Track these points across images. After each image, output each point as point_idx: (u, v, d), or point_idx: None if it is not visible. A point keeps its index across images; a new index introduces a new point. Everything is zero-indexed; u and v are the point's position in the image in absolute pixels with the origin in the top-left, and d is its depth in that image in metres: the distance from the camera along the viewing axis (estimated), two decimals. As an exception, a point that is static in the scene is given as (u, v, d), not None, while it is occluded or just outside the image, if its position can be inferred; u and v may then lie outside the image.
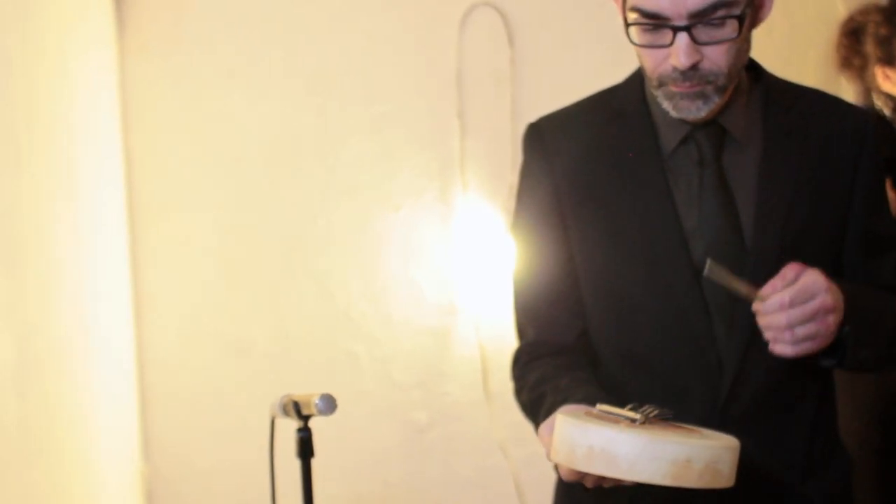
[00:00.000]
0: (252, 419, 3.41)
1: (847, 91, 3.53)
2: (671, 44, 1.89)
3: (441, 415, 3.79)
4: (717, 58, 1.91)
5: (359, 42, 3.75)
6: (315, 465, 2.19)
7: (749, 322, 1.92)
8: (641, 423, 1.77)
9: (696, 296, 1.98)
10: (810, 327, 1.86)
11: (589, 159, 2.06)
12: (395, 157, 3.76)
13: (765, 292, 1.87)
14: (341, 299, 3.76)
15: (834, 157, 2.02)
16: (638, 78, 2.07)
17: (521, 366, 2.12)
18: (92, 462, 3.24)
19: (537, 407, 1.99)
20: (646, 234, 2.00)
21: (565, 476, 1.83)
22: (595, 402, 1.86)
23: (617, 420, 1.79)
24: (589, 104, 2.12)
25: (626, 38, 1.99)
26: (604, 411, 1.83)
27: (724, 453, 1.74)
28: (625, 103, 2.07)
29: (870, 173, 2.04)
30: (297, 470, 2.20)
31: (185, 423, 3.76)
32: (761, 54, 2.11)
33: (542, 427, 1.89)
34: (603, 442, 1.72)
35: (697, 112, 1.94)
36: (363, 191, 3.77)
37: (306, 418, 2.15)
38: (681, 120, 2.00)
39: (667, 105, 1.96)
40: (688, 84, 1.92)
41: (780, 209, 1.99)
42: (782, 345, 1.87)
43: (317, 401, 2.10)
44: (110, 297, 3.52)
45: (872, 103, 3.25)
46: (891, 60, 3.18)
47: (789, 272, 1.86)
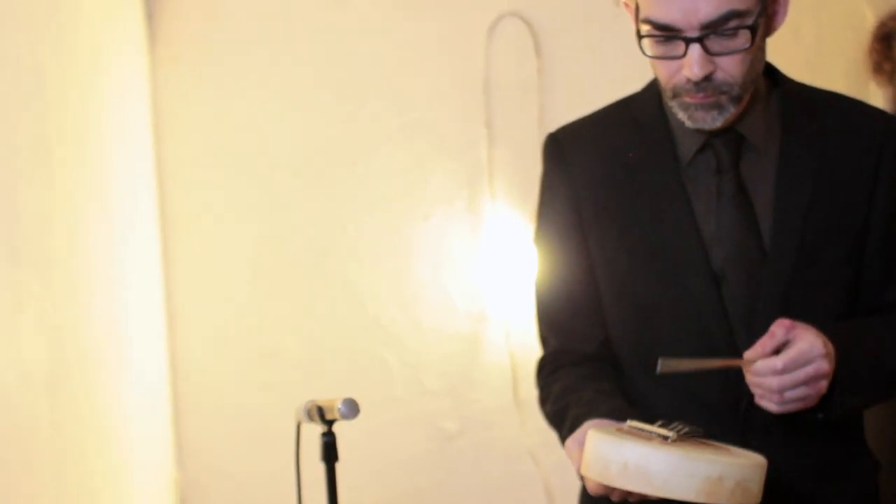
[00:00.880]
0: (283, 426, 3.41)
1: (875, 96, 3.53)
2: (684, 55, 1.90)
3: (471, 421, 3.80)
4: (730, 68, 1.91)
5: (388, 52, 3.77)
6: (345, 471, 2.21)
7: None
8: (673, 441, 1.79)
9: (715, 303, 1.98)
10: (801, 391, 1.86)
11: (607, 168, 2.06)
12: (424, 166, 3.78)
13: (751, 355, 1.87)
14: (371, 307, 3.78)
15: (854, 161, 2.01)
16: (655, 87, 2.07)
17: (545, 375, 2.13)
18: (125, 469, 3.27)
19: (561, 418, 2.01)
20: (665, 242, 2.01)
21: (593, 490, 1.84)
22: (620, 416, 1.88)
23: (649, 437, 1.80)
24: (607, 114, 2.13)
25: (652, 47, 2.00)
26: (634, 427, 1.84)
27: (754, 472, 1.76)
28: (642, 112, 2.07)
29: (891, 178, 2.02)
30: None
31: (218, 431, 3.78)
32: (788, 60, 2.12)
33: (570, 441, 1.90)
34: (637, 458, 1.74)
35: (713, 122, 1.94)
36: (393, 199, 3.78)
37: (330, 423, 2.17)
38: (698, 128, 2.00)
39: (682, 116, 1.96)
40: (702, 95, 1.92)
41: (798, 215, 1.98)
42: (768, 402, 1.88)
43: (339, 405, 2.11)
44: (142, 305, 3.55)
45: None
46: None
47: (778, 330, 1.86)
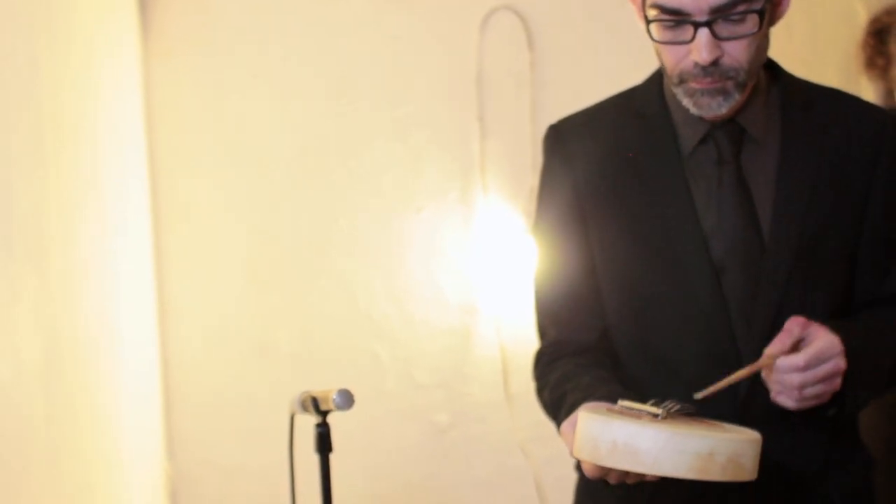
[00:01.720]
0: (275, 419, 3.42)
1: (867, 92, 3.53)
2: (692, 40, 1.91)
3: (462, 415, 3.80)
4: (737, 53, 1.92)
5: (380, 45, 3.77)
6: (337, 464, 2.21)
7: (769, 319, 1.94)
8: (664, 418, 1.78)
9: (715, 293, 1.99)
10: (819, 388, 1.88)
11: (609, 160, 2.07)
12: (417, 160, 3.78)
13: (772, 351, 1.88)
14: (363, 300, 3.78)
15: (852, 156, 2.03)
16: (657, 79, 2.09)
17: (543, 365, 2.13)
18: (117, 461, 3.27)
19: (559, 405, 2.01)
20: (665, 233, 2.01)
21: (589, 472, 1.84)
22: (616, 400, 1.87)
23: (639, 415, 1.80)
24: (608, 105, 2.14)
25: (644, 41, 2.00)
26: (626, 407, 1.84)
27: (746, 447, 1.75)
28: (644, 104, 2.08)
29: (888, 173, 2.04)
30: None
31: (209, 423, 3.79)
32: (781, 56, 2.13)
33: (565, 425, 1.91)
34: (626, 437, 1.73)
35: (718, 108, 1.95)
36: (385, 193, 3.79)
37: (324, 414, 2.17)
38: (700, 119, 2.01)
39: (687, 102, 1.97)
40: (709, 80, 1.93)
41: (797, 208, 1.99)
42: (786, 399, 1.89)
43: (334, 396, 2.11)
44: (135, 298, 3.55)
45: (894, 103, 3.26)
46: None
47: (795, 328, 1.88)
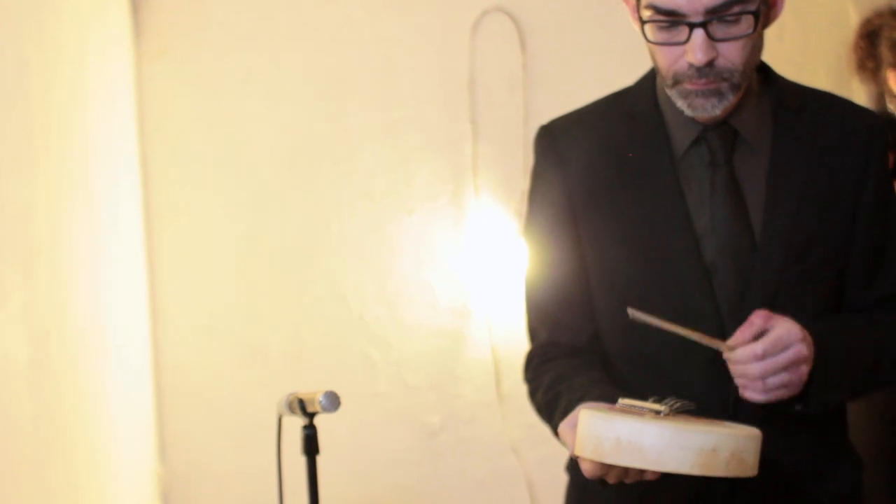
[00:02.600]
0: (267, 421, 3.41)
1: (859, 94, 3.54)
2: (687, 41, 1.91)
3: (454, 417, 3.80)
4: (732, 55, 1.92)
5: (373, 48, 3.77)
6: (328, 466, 2.21)
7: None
8: (666, 415, 1.79)
9: (707, 296, 1.99)
10: (783, 377, 1.87)
11: (601, 161, 2.07)
12: (409, 162, 3.78)
13: (733, 342, 1.88)
14: (355, 303, 3.78)
15: (843, 159, 2.03)
16: (649, 80, 2.09)
17: (535, 367, 2.13)
18: (107, 463, 3.26)
19: (553, 406, 2.00)
20: (657, 235, 2.01)
21: (589, 471, 1.83)
22: (612, 400, 1.87)
23: (642, 412, 1.80)
24: (600, 106, 2.13)
25: (637, 42, 2.00)
26: (626, 405, 1.84)
27: (748, 442, 1.76)
28: (636, 105, 2.08)
29: (879, 177, 2.04)
30: (307, 469, 2.22)
31: (201, 425, 3.78)
32: (773, 58, 2.13)
33: (563, 425, 1.90)
34: (630, 433, 1.73)
35: (712, 109, 1.95)
36: (377, 195, 3.78)
37: (311, 415, 2.17)
38: (692, 121, 2.01)
39: (681, 104, 1.97)
40: (703, 81, 1.93)
41: (789, 211, 2.00)
42: (753, 392, 1.88)
43: (321, 398, 2.11)
44: (126, 300, 3.54)
45: (885, 106, 3.26)
46: None
47: (757, 319, 1.87)
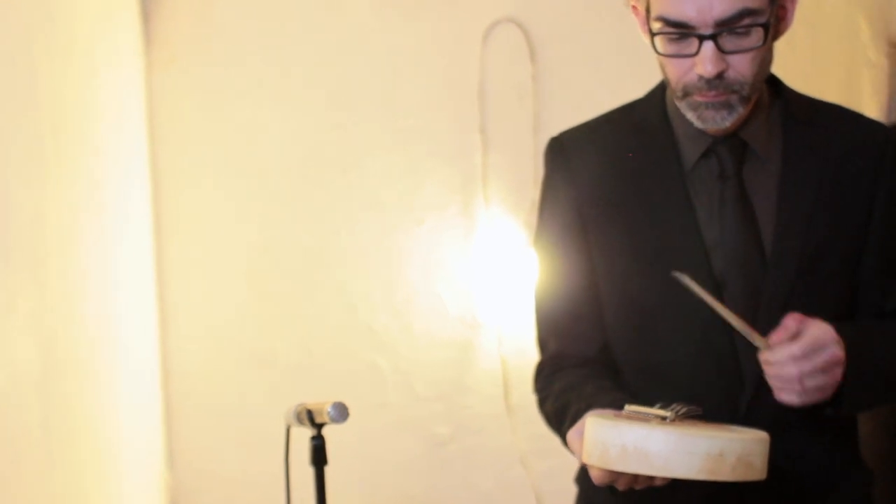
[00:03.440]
0: (275, 430, 3.40)
1: (869, 106, 3.53)
2: (697, 53, 1.90)
3: (462, 428, 3.80)
4: (742, 67, 1.92)
5: (382, 57, 3.77)
6: (336, 476, 2.21)
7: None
8: (672, 421, 1.79)
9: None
10: (820, 379, 1.87)
11: (611, 173, 2.07)
12: (418, 172, 3.78)
13: (772, 342, 1.88)
14: (364, 312, 3.78)
15: (853, 172, 2.03)
16: (659, 92, 2.09)
17: (544, 378, 2.13)
18: (115, 470, 3.26)
19: (563, 415, 2.00)
20: (667, 247, 2.01)
21: (598, 478, 1.83)
22: (621, 407, 1.87)
23: (647, 419, 1.80)
24: (610, 119, 2.13)
25: (646, 54, 2.00)
26: (633, 411, 1.84)
27: (755, 446, 1.76)
28: (646, 117, 2.08)
29: (889, 190, 2.04)
30: (316, 479, 2.22)
31: (209, 433, 3.78)
32: (783, 70, 2.13)
33: (571, 433, 1.90)
34: (636, 440, 1.74)
35: (722, 122, 1.95)
36: (386, 205, 3.78)
37: (319, 426, 2.17)
38: (702, 133, 2.01)
39: (691, 116, 1.97)
40: (713, 93, 1.93)
41: (799, 223, 1.99)
42: (789, 394, 1.88)
43: (329, 409, 2.11)
44: (135, 308, 3.55)
45: None
46: None
47: (791, 323, 1.87)
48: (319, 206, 3.78)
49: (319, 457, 2.18)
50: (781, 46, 2.04)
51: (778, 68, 2.06)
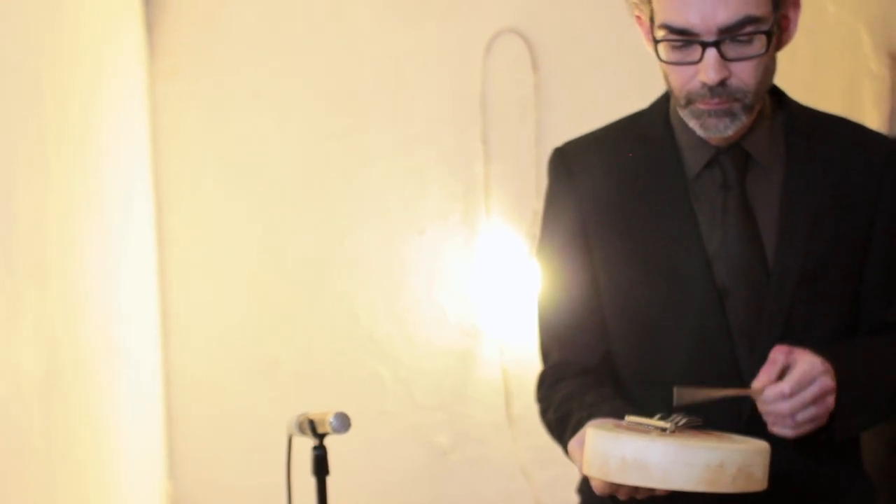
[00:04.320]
0: (277, 439, 3.40)
1: (871, 117, 3.54)
2: (700, 60, 1.91)
3: (463, 437, 3.80)
4: (745, 75, 1.92)
5: (385, 67, 3.78)
6: (337, 485, 2.20)
7: (772, 344, 1.93)
8: (672, 432, 1.79)
9: (718, 318, 1.99)
10: (811, 411, 1.88)
11: (614, 183, 2.07)
12: (420, 181, 3.79)
13: (759, 384, 1.89)
14: (366, 320, 3.78)
15: (856, 183, 2.03)
16: (662, 103, 2.09)
17: (547, 387, 2.13)
18: (116, 479, 3.26)
19: (564, 424, 2.00)
20: (669, 257, 2.02)
21: (599, 489, 1.83)
22: (622, 415, 1.88)
23: (647, 430, 1.80)
24: (613, 129, 2.14)
25: (649, 64, 2.01)
26: (633, 422, 1.84)
27: (755, 457, 1.76)
28: (649, 128, 2.08)
29: (892, 200, 2.04)
30: (317, 489, 2.21)
31: (211, 442, 3.78)
32: (785, 80, 2.13)
33: (573, 442, 1.90)
34: (635, 451, 1.74)
35: (724, 130, 1.95)
36: (388, 213, 3.79)
37: (321, 436, 2.17)
38: (705, 143, 2.01)
39: (693, 124, 1.97)
40: (716, 101, 1.93)
41: (801, 234, 2.00)
42: (783, 428, 1.90)
43: (331, 419, 2.11)
44: (137, 316, 3.55)
45: None
46: None
47: (778, 356, 1.89)
48: (321, 215, 3.78)
49: (321, 467, 2.18)
50: (783, 57, 2.04)
51: (779, 78, 2.06)
